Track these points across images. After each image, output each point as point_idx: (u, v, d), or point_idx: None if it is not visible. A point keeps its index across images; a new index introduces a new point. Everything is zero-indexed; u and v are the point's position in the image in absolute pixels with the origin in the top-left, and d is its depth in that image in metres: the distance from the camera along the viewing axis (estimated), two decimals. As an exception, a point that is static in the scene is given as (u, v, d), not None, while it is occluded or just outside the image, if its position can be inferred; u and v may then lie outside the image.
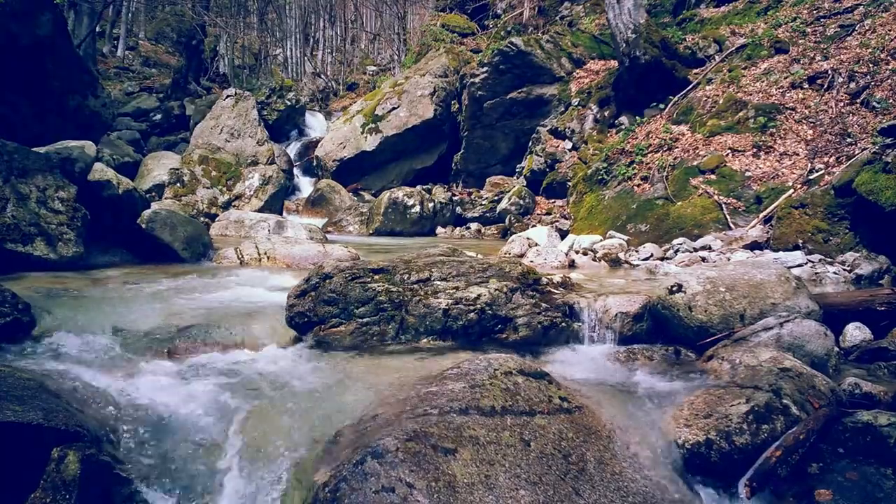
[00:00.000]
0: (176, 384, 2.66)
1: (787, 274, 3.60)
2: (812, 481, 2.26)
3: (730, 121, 8.64)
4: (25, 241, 4.55)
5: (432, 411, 2.26)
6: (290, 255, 5.80)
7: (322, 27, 29.78)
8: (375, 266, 3.62)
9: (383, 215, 11.37)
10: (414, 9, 25.79)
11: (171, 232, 5.72)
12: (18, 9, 8.06)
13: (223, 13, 25.53)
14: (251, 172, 11.99)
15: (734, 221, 7.23)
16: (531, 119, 12.91)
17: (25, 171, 4.76)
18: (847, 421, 2.46)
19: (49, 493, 1.83)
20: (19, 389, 2.12)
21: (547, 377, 2.61)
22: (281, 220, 8.93)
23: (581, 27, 14.71)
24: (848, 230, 5.98)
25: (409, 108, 14.51)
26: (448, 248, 4.39)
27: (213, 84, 22.10)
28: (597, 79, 12.38)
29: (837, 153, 7.21)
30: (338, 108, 20.72)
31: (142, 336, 3.29)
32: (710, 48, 11.11)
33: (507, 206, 11.50)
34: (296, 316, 3.42)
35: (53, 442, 1.93)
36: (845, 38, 9.13)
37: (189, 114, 17.41)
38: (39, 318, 3.32)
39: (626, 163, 9.24)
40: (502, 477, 2.00)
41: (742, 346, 3.13)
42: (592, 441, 2.28)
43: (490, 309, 3.43)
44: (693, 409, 2.55)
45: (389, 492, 1.86)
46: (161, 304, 3.83)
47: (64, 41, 9.17)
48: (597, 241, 7.28)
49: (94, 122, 9.85)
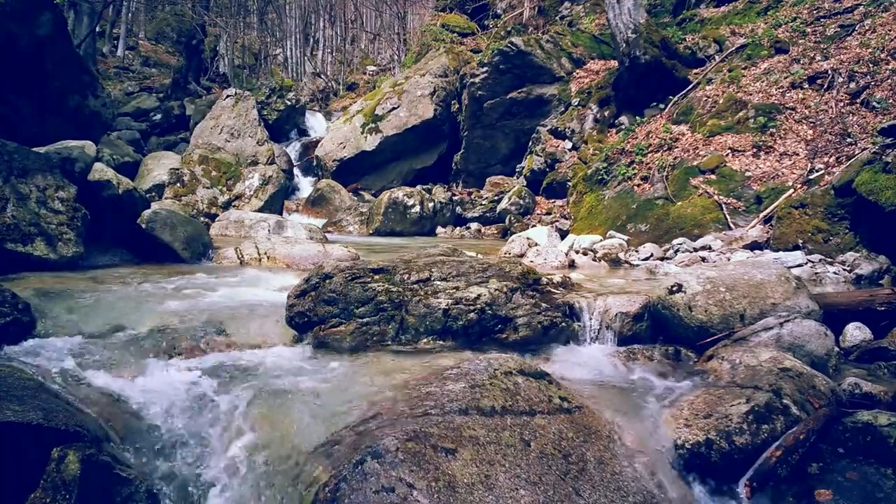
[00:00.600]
0: (175, 384, 2.66)
1: (787, 274, 3.60)
2: (812, 481, 2.26)
3: (730, 121, 8.64)
4: (25, 241, 4.54)
5: (432, 411, 2.26)
6: (290, 255, 5.80)
7: (322, 27, 29.78)
8: (375, 266, 3.62)
9: (383, 215, 11.37)
10: (414, 9, 25.80)
11: (171, 232, 5.72)
12: (18, 9, 8.06)
13: (223, 13, 25.53)
14: (251, 172, 11.99)
15: (734, 221, 7.23)
16: (531, 119, 12.91)
17: (25, 171, 4.76)
18: (847, 421, 2.46)
19: (49, 493, 1.82)
20: (19, 389, 2.12)
21: (547, 377, 2.61)
22: (281, 220, 8.92)
23: (581, 27, 14.71)
24: (848, 230, 5.98)
25: (409, 108, 14.51)
26: (448, 248, 4.39)
27: (213, 84, 22.11)
28: (597, 79, 12.38)
29: (837, 153, 7.21)
30: (338, 108, 20.73)
31: (141, 336, 3.29)
32: (710, 48, 11.11)
33: (507, 206, 11.50)
34: (296, 316, 3.42)
35: (53, 442, 1.92)
36: (845, 38, 9.13)
37: (189, 114, 17.42)
38: (39, 318, 3.32)
39: (626, 163, 9.24)
40: (502, 477, 2.00)
41: (742, 346, 3.13)
42: (592, 441, 2.28)
43: (490, 309, 3.43)
44: (693, 409, 2.55)
45: (389, 492, 1.85)
46: (161, 304, 3.83)
47: (64, 41, 9.16)
48: (597, 241, 7.28)
49: (94, 122, 9.85)
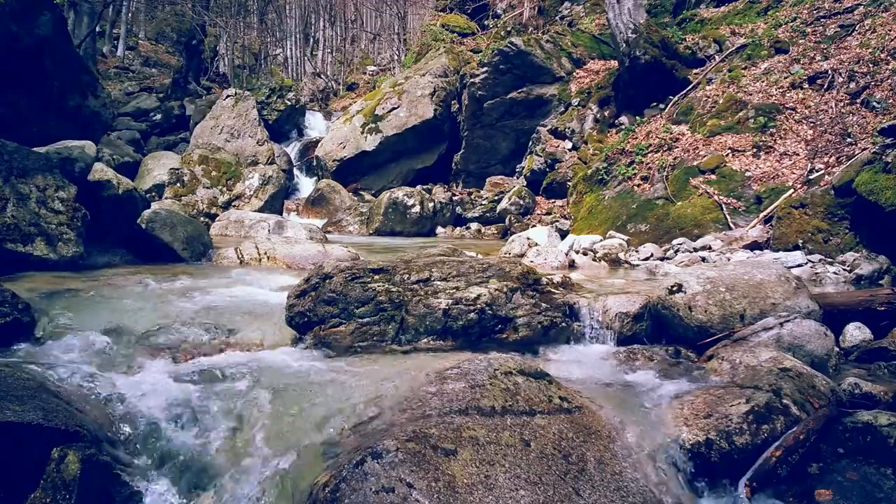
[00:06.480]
0: (174, 384, 2.66)
1: (787, 274, 3.60)
2: (812, 481, 2.26)
3: (730, 121, 8.64)
4: (25, 241, 4.54)
5: (432, 411, 2.26)
6: (290, 255, 5.80)
7: (322, 27, 29.78)
8: (375, 266, 3.62)
9: (383, 215, 11.37)
10: (414, 9, 25.80)
11: (171, 232, 5.72)
12: (18, 9, 8.06)
13: (223, 13, 25.53)
14: (251, 172, 11.99)
15: (734, 221, 7.23)
16: (531, 119, 12.91)
17: (25, 171, 4.75)
18: (847, 421, 2.46)
19: (49, 493, 1.82)
20: (19, 389, 2.12)
21: (547, 377, 2.61)
22: (281, 220, 8.93)
23: (581, 27, 14.72)
24: (848, 230, 5.97)
25: (409, 108, 14.51)
26: (448, 248, 4.39)
27: (213, 84, 22.12)
28: (597, 79, 12.38)
29: (837, 153, 7.21)
30: (338, 108, 20.73)
31: (141, 336, 3.29)
32: (710, 48, 11.11)
33: (507, 206, 11.50)
34: (296, 316, 3.42)
35: (53, 442, 1.92)
36: (845, 38, 9.13)
37: (189, 114, 17.42)
38: (39, 318, 3.32)
39: (626, 163, 9.24)
40: (502, 477, 2.00)
41: (742, 346, 3.13)
42: (592, 441, 2.28)
43: (490, 309, 3.43)
44: (693, 409, 2.55)
45: (389, 492, 1.85)
46: (161, 304, 3.83)
47: (64, 41, 9.16)
48: (597, 241, 7.28)
49: (94, 122, 9.84)
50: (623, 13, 10.42)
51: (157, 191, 11.35)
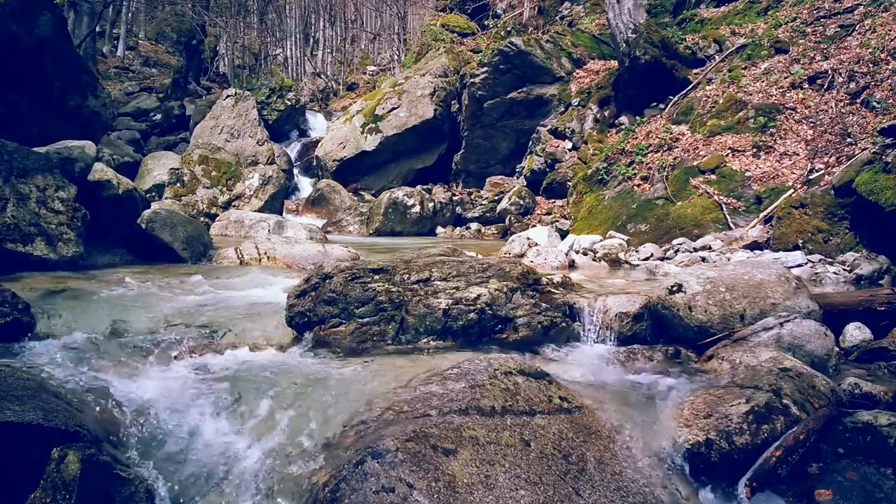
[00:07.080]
0: (174, 384, 2.66)
1: (787, 274, 3.60)
2: (812, 481, 2.26)
3: (730, 121, 8.64)
4: (25, 241, 4.54)
5: (432, 411, 2.26)
6: (290, 255, 5.80)
7: (322, 27, 29.78)
8: (375, 266, 3.62)
9: (383, 215, 11.37)
10: (414, 9, 25.79)
11: (171, 232, 5.72)
12: (18, 9, 8.06)
13: (223, 13, 25.53)
14: (251, 172, 11.99)
15: (734, 221, 7.23)
16: (531, 119, 12.91)
17: (25, 171, 4.76)
18: (847, 421, 2.46)
19: (49, 493, 1.82)
20: (19, 389, 2.12)
21: (547, 377, 2.61)
22: (281, 220, 8.93)
23: (581, 27, 14.71)
24: (848, 230, 5.97)
25: (409, 108, 14.50)
26: (448, 248, 4.39)
27: (213, 84, 22.12)
28: (597, 79, 12.38)
29: (837, 153, 7.21)
30: (338, 108, 20.73)
31: (141, 336, 3.29)
32: (710, 48, 11.11)
33: (507, 206, 11.50)
34: (296, 316, 3.42)
35: (53, 442, 1.92)
36: (845, 38, 9.13)
37: (189, 114, 17.41)
38: (39, 318, 3.32)
39: (626, 163, 9.24)
40: (502, 477, 2.00)
41: (742, 346, 3.13)
42: (592, 441, 2.28)
43: (490, 309, 3.43)
44: (693, 409, 2.55)
45: (389, 492, 1.85)
46: (161, 304, 3.83)
47: (64, 41, 9.16)
48: (597, 241, 7.27)
49: (94, 122, 9.84)
50: (623, 13, 10.42)
51: (157, 191, 11.34)
